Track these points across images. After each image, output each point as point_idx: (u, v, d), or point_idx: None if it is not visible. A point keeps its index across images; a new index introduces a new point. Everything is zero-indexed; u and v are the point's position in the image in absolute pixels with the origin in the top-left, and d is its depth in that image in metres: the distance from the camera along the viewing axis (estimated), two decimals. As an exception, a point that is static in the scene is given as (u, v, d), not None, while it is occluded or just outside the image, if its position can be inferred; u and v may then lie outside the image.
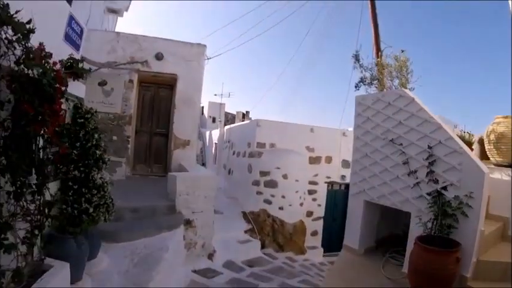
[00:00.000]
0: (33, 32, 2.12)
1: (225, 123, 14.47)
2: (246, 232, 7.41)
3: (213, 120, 20.29)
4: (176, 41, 6.98)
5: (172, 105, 7.12)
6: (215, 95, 20.77)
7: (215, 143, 13.96)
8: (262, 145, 8.31)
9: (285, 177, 8.01)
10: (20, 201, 2.22)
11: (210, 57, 7.38)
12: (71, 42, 3.58)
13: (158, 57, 6.79)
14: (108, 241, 3.73)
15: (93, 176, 3.26)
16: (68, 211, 3.02)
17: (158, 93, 7.27)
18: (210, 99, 20.73)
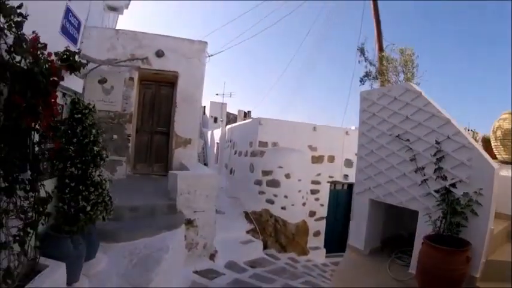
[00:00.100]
0: (25, 19, 2.02)
1: (226, 124, 14.37)
2: (248, 232, 7.33)
3: (215, 120, 20.17)
4: (177, 37, 6.88)
5: (173, 103, 7.03)
6: (217, 95, 20.65)
7: (217, 143, 13.88)
8: (264, 144, 8.24)
9: (287, 176, 7.89)
10: (12, 197, 2.13)
11: (211, 55, 7.27)
12: (68, 35, 3.49)
13: (159, 54, 6.70)
14: (106, 241, 3.66)
15: (91, 173, 3.17)
16: (64, 209, 2.94)
17: (159, 91, 7.18)
18: (211, 99, 20.61)
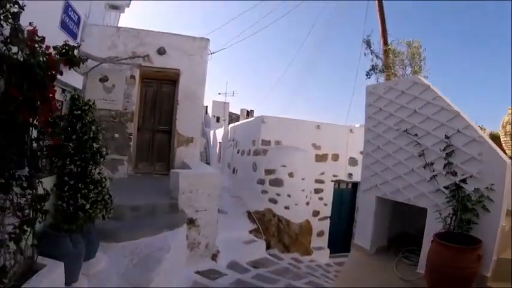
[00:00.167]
0: (22, 9, 1.96)
1: (229, 123, 14.30)
2: (250, 232, 7.24)
3: (217, 119, 20.12)
4: (178, 35, 6.81)
5: (175, 101, 6.96)
6: (219, 94, 20.58)
7: (219, 142, 13.81)
8: (267, 142, 8.15)
9: (290, 175, 7.78)
10: (9, 194, 2.07)
11: (213, 52, 7.20)
12: (68, 30, 3.43)
13: (160, 51, 6.63)
14: (107, 240, 3.59)
15: (91, 171, 3.10)
16: (63, 207, 2.87)
17: (161, 89, 7.11)
18: (214, 99, 20.58)
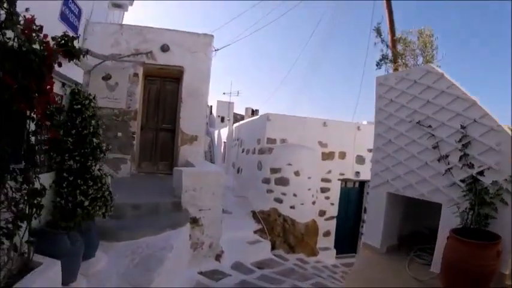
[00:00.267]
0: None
1: (233, 123, 14.20)
2: (255, 232, 7.09)
3: (222, 119, 20.05)
4: (182, 31, 6.69)
5: (178, 99, 6.85)
6: (224, 94, 20.52)
7: (224, 142, 13.70)
8: (272, 141, 8.01)
9: (296, 174, 7.61)
10: (3, 188, 1.96)
11: (217, 49, 7.07)
12: (68, 22, 3.32)
13: (164, 49, 6.52)
14: (107, 239, 3.49)
15: (90, 167, 2.99)
16: (62, 204, 2.76)
17: (164, 87, 7.01)
18: (218, 99, 20.50)
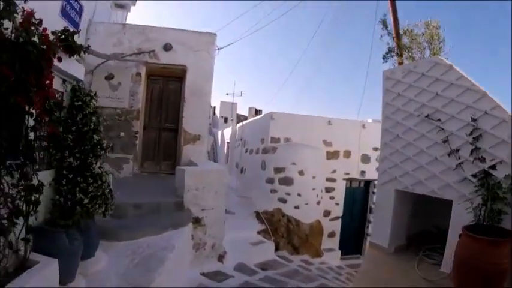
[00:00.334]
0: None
1: (236, 124, 14.16)
2: (259, 233, 7.00)
3: (225, 120, 20.06)
4: (185, 30, 6.64)
5: (181, 98, 6.79)
6: (227, 94, 20.54)
7: (227, 142, 13.63)
8: (276, 140, 7.92)
9: (301, 173, 7.52)
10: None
11: (220, 48, 7.01)
12: (68, 18, 3.28)
13: (166, 48, 6.48)
14: (108, 239, 3.42)
15: (91, 164, 2.93)
16: (60, 202, 2.70)
17: (167, 86, 6.96)
18: (221, 99, 20.52)
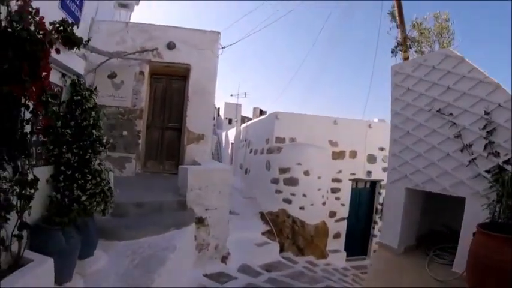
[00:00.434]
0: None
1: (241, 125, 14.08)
2: (263, 234, 6.89)
3: (229, 121, 19.99)
4: (188, 28, 6.58)
5: (185, 97, 6.72)
6: (231, 96, 20.51)
7: (231, 143, 13.56)
8: (281, 140, 7.82)
9: (306, 174, 7.40)
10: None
11: (224, 46, 6.91)
12: (69, 12, 3.20)
13: (170, 46, 6.42)
14: (108, 238, 3.34)
15: (90, 161, 2.84)
16: (58, 199, 2.61)
17: (170, 85, 6.89)
18: (226, 101, 20.47)
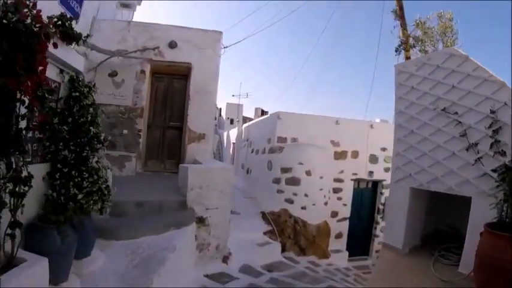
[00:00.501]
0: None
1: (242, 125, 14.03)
2: (265, 234, 6.85)
3: (231, 121, 19.99)
4: (190, 28, 6.55)
5: (186, 96, 6.69)
6: (233, 96, 20.50)
7: (233, 143, 13.50)
8: (283, 139, 7.78)
9: (308, 173, 7.35)
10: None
11: (226, 46, 6.87)
12: (68, 7, 3.15)
13: (171, 45, 6.39)
14: (106, 238, 3.30)
15: (87, 158, 2.80)
16: (53, 197, 2.56)
17: (172, 84, 6.86)
18: (227, 101, 20.47)
